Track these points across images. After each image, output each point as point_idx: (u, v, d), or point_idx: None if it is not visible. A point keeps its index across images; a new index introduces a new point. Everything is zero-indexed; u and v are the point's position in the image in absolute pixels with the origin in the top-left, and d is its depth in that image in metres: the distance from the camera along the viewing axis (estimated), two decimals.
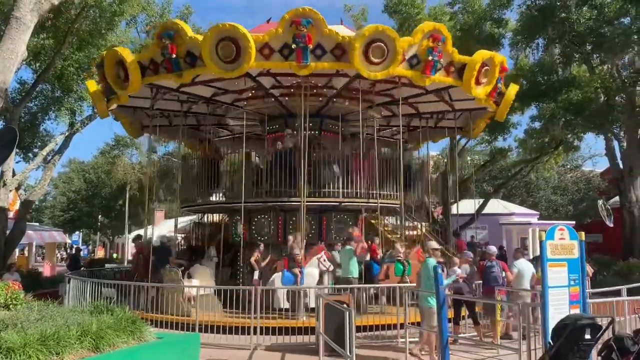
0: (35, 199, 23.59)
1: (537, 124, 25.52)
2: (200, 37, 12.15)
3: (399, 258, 13.94)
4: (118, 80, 13.44)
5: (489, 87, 14.22)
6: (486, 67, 13.70)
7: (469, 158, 34.39)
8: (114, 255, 44.83)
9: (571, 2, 20.89)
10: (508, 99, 15.73)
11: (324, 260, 13.57)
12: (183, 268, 14.03)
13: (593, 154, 45.32)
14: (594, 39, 21.03)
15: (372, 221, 16.81)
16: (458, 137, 25.50)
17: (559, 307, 7.22)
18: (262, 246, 14.57)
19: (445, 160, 31.66)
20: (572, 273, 7.44)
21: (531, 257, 16.64)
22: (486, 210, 28.09)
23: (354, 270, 13.11)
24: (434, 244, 11.24)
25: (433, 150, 21.59)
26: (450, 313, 10.62)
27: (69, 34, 19.91)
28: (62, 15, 19.33)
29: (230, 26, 11.84)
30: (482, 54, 13.72)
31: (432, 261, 9.99)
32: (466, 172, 31.27)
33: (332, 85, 15.46)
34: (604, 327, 6.17)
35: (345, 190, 15.32)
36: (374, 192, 15.47)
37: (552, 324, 6.83)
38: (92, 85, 14.88)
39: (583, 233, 7.60)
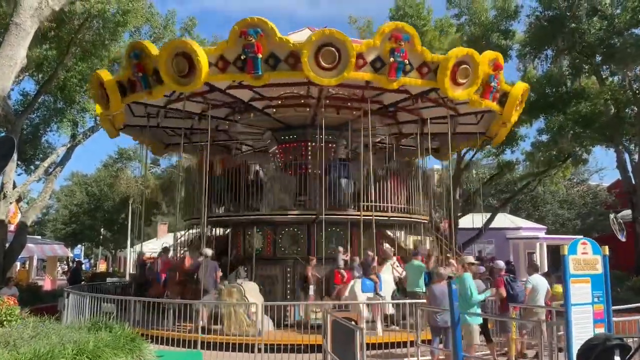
0: (36, 212, 23.30)
1: (544, 137, 25.23)
2: (291, 40, 11.69)
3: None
4: (176, 74, 12.01)
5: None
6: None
7: (474, 171, 34.06)
8: (114, 269, 44.45)
9: (581, 12, 20.64)
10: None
11: (397, 266, 13.51)
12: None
13: (600, 167, 45.05)
14: (604, 49, 20.77)
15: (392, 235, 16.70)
16: (463, 150, 25.43)
17: (583, 326, 6.81)
18: (314, 260, 14.12)
19: (450, 174, 31.34)
20: (595, 290, 7.03)
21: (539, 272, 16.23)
22: (493, 225, 27.77)
23: (423, 284, 12.95)
24: (469, 259, 10.79)
25: (436, 163, 21.36)
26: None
27: (72, 44, 19.73)
28: (65, 26, 19.14)
29: (338, 33, 11.55)
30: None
31: (469, 276, 9.62)
32: (472, 186, 30.94)
33: (380, 100, 15.17)
34: (634, 348, 5.75)
35: (385, 205, 15.14)
36: (404, 206, 15.46)
37: (575, 343, 6.44)
38: (106, 74, 13.99)
39: (607, 247, 7.19)
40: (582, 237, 8.54)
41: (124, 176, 41.92)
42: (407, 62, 11.90)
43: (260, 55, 11.43)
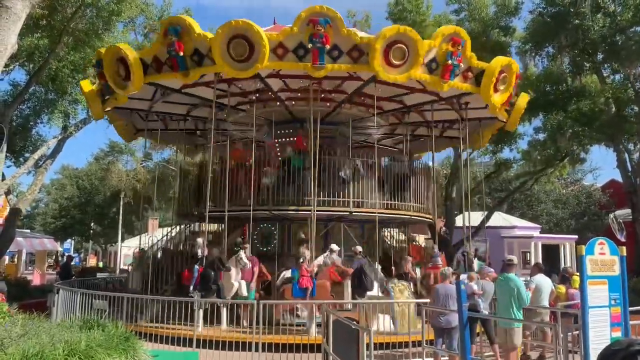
0: (26, 205, 22.83)
1: (541, 136, 25.02)
2: (358, 33, 11.78)
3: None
4: (231, 58, 11.48)
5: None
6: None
7: (468, 169, 33.80)
8: (104, 264, 43.95)
9: (586, 8, 20.38)
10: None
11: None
12: None
13: (594, 167, 45.02)
14: (606, 47, 20.53)
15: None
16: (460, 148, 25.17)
17: (600, 330, 6.53)
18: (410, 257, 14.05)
19: (445, 172, 31.09)
20: (613, 292, 6.74)
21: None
22: (488, 223, 27.51)
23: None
24: (514, 259, 10.45)
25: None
26: None
27: (65, 33, 19.18)
28: (58, 14, 18.62)
29: (410, 31, 11.71)
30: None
31: (514, 276, 9.25)
32: (468, 184, 30.69)
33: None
34: None
35: (390, 202, 15.05)
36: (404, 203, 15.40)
37: (592, 347, 6.17)
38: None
39: (624, 248, 6.91)
40: (567, 236, 8.29)
41: (115, 170, 41.42)
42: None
43: (327, 46, 11.18)
